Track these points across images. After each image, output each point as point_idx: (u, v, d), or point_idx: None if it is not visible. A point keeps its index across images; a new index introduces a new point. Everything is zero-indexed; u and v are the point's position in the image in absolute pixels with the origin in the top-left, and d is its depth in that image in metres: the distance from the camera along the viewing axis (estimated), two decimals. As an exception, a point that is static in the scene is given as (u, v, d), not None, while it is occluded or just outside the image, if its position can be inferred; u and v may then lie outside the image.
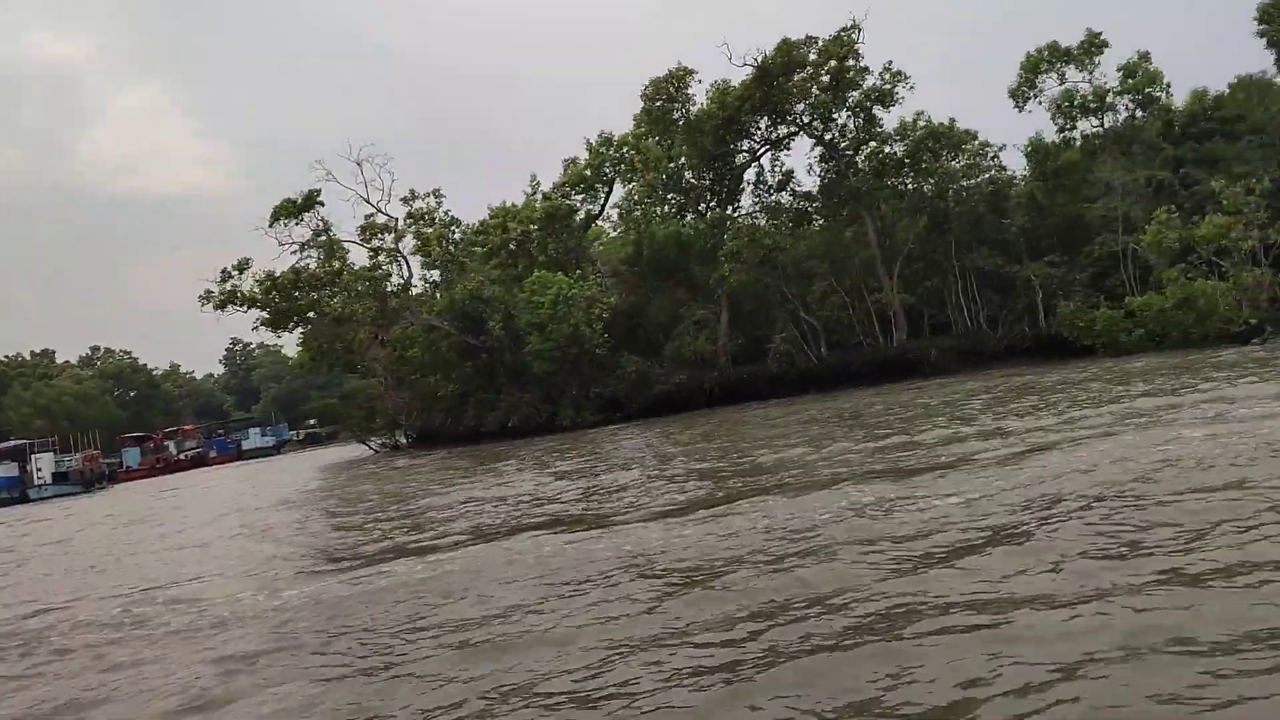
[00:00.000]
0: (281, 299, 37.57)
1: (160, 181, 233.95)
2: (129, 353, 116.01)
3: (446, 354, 40.78)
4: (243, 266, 38.31)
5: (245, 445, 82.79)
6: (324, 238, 38.65)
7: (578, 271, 41.06)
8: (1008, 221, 39.22)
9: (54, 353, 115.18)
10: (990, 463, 11.97)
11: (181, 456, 77.25)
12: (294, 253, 39.77)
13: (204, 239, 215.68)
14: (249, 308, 38.63)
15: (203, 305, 37.63)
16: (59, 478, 55.17)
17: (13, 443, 59.63)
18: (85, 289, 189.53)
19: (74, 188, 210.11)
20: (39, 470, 54.92)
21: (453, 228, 41.88)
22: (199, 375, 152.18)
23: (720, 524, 10.39)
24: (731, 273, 40.33)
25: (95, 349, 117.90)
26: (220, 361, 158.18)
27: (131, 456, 70.89)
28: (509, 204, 44.85)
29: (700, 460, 18.75)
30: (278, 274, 37.56)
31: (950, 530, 8.35)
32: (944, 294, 40.39)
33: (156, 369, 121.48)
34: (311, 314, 39.30)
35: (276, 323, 39.84)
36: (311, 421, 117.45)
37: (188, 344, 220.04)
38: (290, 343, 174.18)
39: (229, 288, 37.80)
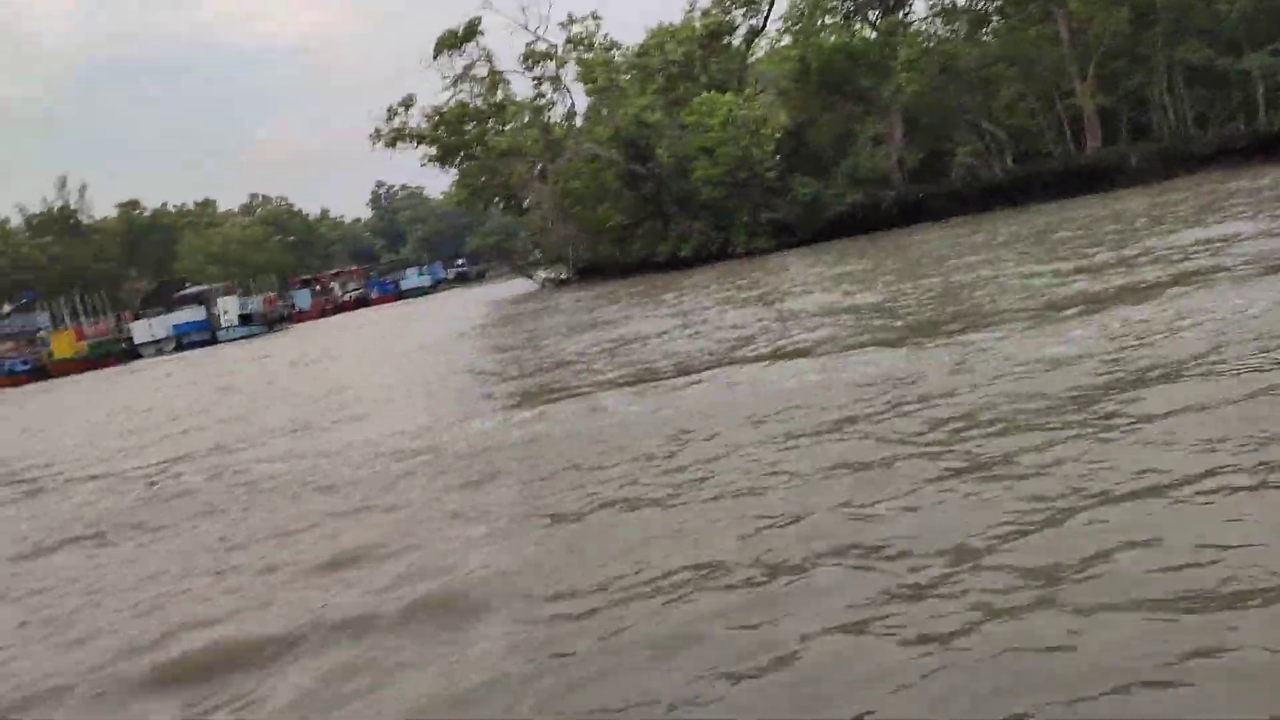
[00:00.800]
0: (448, 134, 37.31)
1: (287, 30, 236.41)
2: (285, 199, 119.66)
3: (612, 184, 40.14)
4: (408, 104, 38.13)
5: (404, 285, 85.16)
6: (486, 70, 37.98)
7: (746, 90, 39.33)
8: (1227, 8, 35.34)
9: (215, 202, 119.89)
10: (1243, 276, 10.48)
11: (346, 298, 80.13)
12: (454, 87, 39.29)
13: (337, 86, 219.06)
14: (418, 144, 38.62)
15: (374, 143, 37.85)
16: (244, 319, 57.89)
17: (199, 288, 62.73)
18: (224, 139, 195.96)
19: (201, 40, 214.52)
20: (225, 313, 57.68)
21: (612, 51, 40.46)
22: (348, 219, 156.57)
23: (953, 352, 9.41)
24: (907, 83, 37.96)
25: (254, 196, 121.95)
26: (367, 205, 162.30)
27: (302, 299, 73.74)
28: (667, 24, 42.99)
29: (898, 285, 17.66)
30: (444, 109, 37.25)
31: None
32: (1146, 93, 37.12)
33: (309, 214, 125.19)
34: (476, 148, 38.99)
35: (444, 158, 39.78)
36: (460, 261, 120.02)
37: (334, 190, 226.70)
38: (436, 183, 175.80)
39: (397, 125, 37.73)
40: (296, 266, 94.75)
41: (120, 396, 28.28)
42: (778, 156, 38.03)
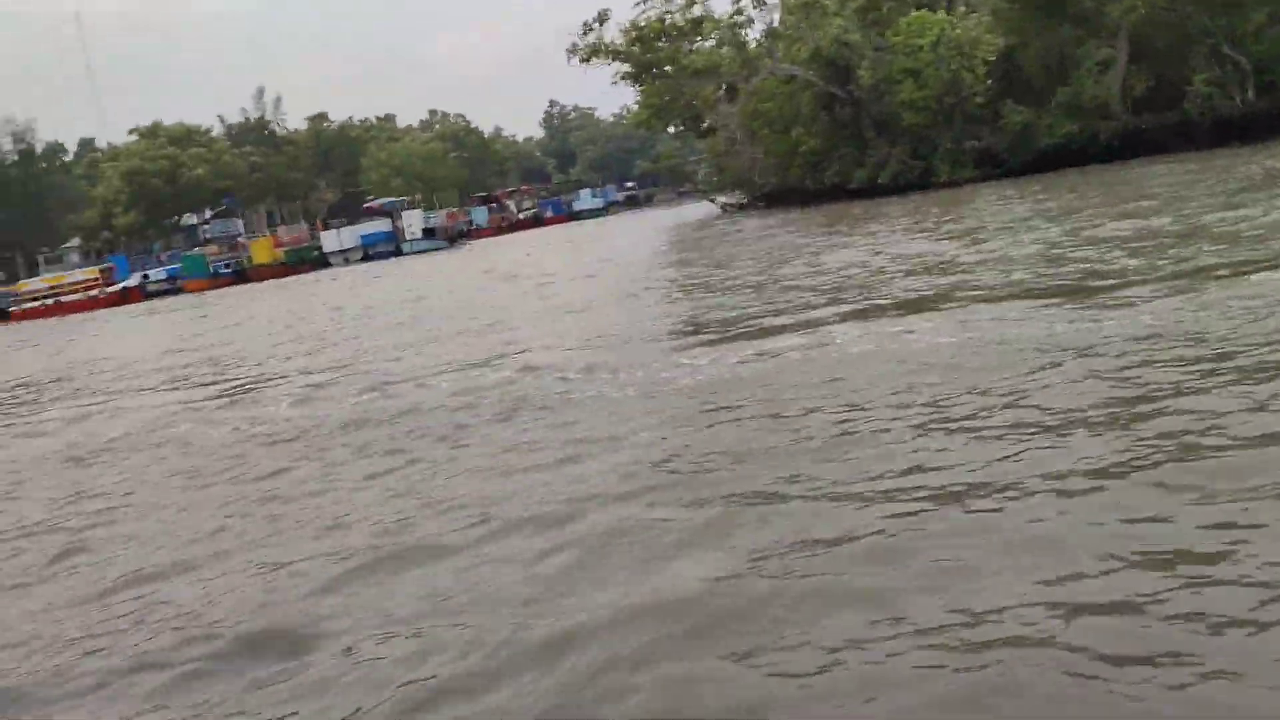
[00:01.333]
0: (643, 50, 36.49)
1: None
2: (463, 116, 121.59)
3: (807, 107, 38.59)
4: (603, 18, 37.42)
5: (577, 206, 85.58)
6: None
7: (959, 9, 36.92)
8: None
9: (395, 117, 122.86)
10: None
11: (520, 216, 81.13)
12: (646, 1, 38.25)
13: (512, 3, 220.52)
14: (613, 60, 37.98)
15: (569, 58, 37.45)
16: (427, 233, 59.23)
17: (385, 201, 64.53)
18: (403, 54, 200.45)
19: None
20: (409, 226, 59.14)
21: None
22: (520, 139, 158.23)
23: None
24: (1141, 2, 34.73)
25: (433, 113, 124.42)
26: (539, 125, 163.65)
27: (480, 215, 74.97)
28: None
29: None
30: (642, 23, 36.39)
31: None
32: None
33: (485, 132, 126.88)
34: (669, 66, 38.05)
35: (637, 76, 39.03)
36: (629, 184, 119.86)
37: (507, 109, 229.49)
38: (608, 105, 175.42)
39: (592, 40, 37.14)
40: (472, 183, 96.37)
41: (353, 297, 29.20)
42: (989, 81, 35.65)
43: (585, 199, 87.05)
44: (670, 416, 7.25)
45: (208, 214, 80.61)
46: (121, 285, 53.55)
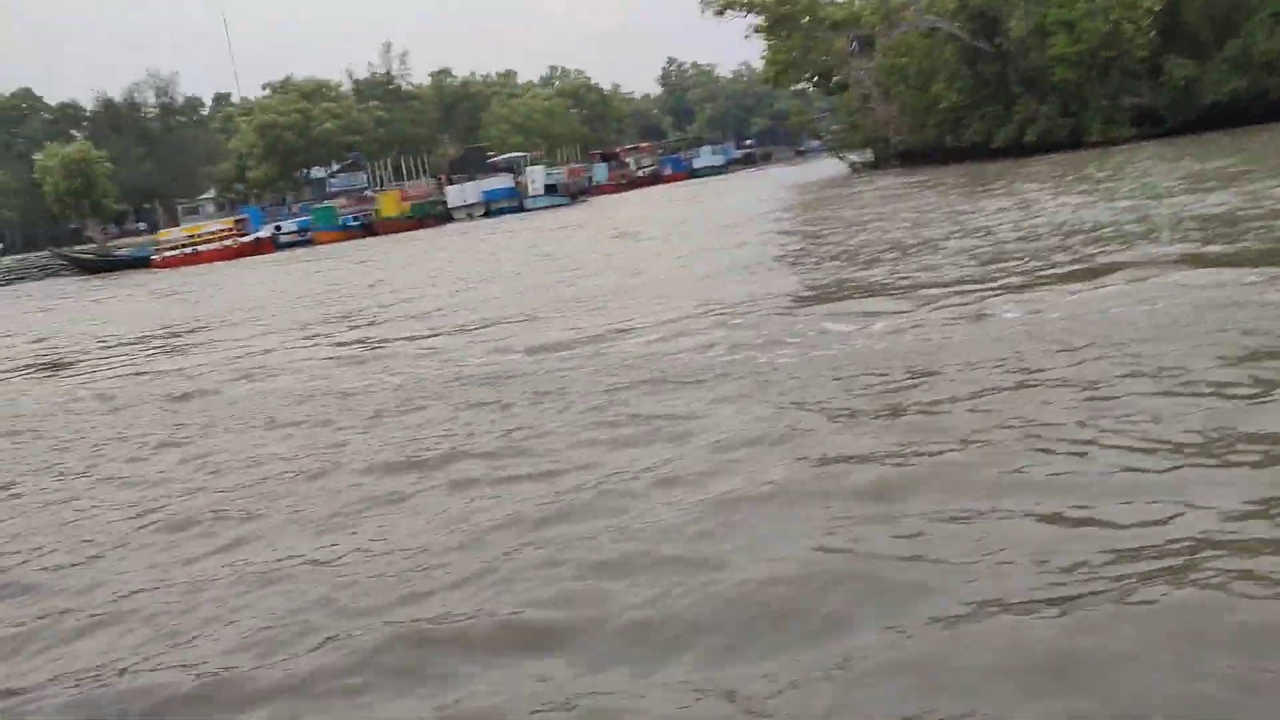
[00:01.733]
0: (780, 2, 35.28)
1: None
2: (582, 72, 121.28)
3: (949, 61, 36.89)
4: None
5: (696, 164, 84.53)
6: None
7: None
8: None
9: (515, 73, 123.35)
10: None
11: (640, 173, 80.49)
12: None
13: None
14: (748, 12, 36.89)
15: (703, 10, 36.53)
16: (549, 189, 59.18)
17: (509, 156, 64.73)
18: (510, 13, 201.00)
19: None
20: (533, 182, 59.16)
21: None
22: (637, 95, 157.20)
23: None
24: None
25: (553, 68, 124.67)
26: (656, 81, 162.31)
27: (600, 172, 74.56)
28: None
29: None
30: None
31: None
32: None
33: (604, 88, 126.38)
34: (805, 19, 36.76)
35: (771, 28, 37.84)
36: (749, 141, 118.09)
37: (623, 65, 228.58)
38: (725, 61, 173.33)
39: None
40: (591, 140, 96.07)
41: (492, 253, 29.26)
42: (1152, 34, 33.42)
43: (705, 156, 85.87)
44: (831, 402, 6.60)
45: (334, 167, 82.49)
46: (254, 236, 54.97)
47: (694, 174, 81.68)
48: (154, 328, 19.68)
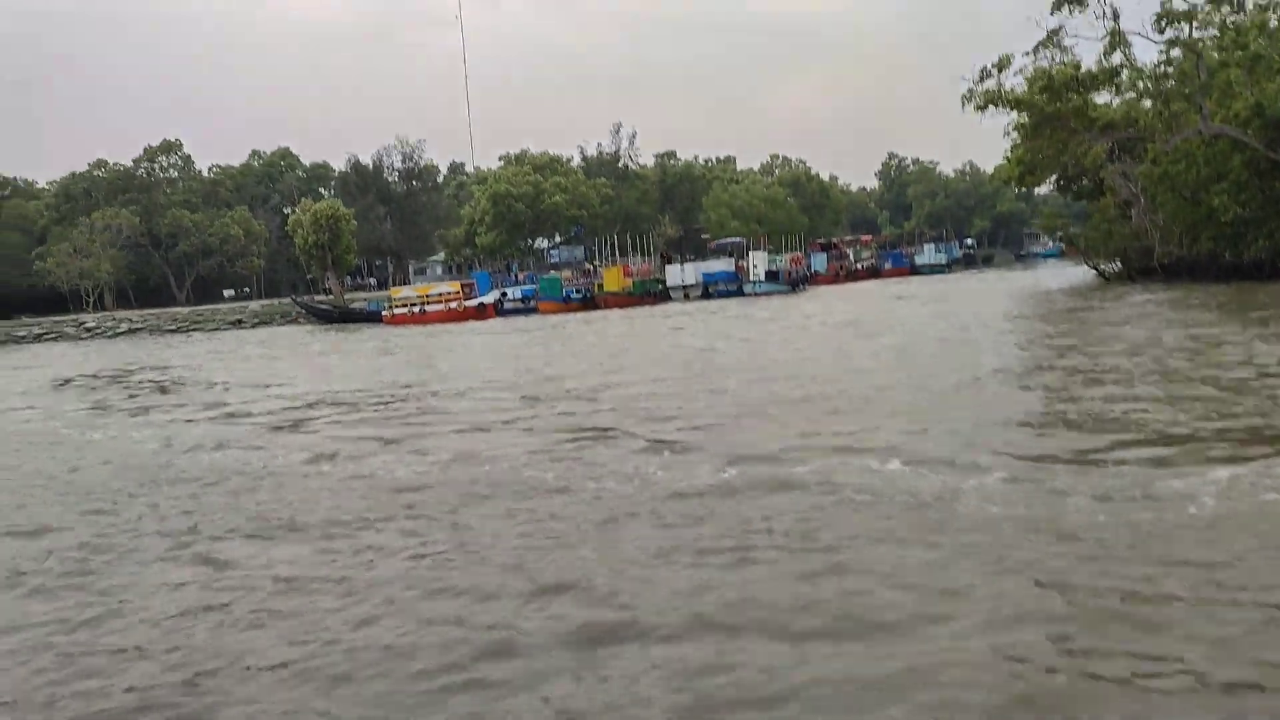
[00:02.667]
0: (1049, 100, 33.21)
1: (802, 3, 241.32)
2: (803, 161, 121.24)
3: (1235, 171, 33.68)
4: (1003, 64, 34.51)
5: (918, 260, 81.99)
6: (1104, 30, 33.20)
7: None
8: None
9: (735, 159, 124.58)
10: None
11: (859, 266, 78.77)
12: (1045, 49, 34.83)
13: (840, 57, 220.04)
14: (1013, 109, 34.99)
15: (964, 105, 34.92)
16: (770, 276, 58.28)
17: (732, 240, 64.51)
18: (732, 102, 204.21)
19: (726, 5, 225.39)
20: (754, 267, 58.45)
21: (1270, 13, 33.57)
22: (853, 188, 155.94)
23: None
24: None
25: (774, 156, 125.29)
26: (875, 175, 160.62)
27: (819, 261, 73.31)
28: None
29: None
30: (1053, 70, 33.12)
31: None
32: None
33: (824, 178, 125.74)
34: (1073, 120, 34.42)
35: (1036, 127, 35.74)
36: (969, 241, 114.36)
37: (836, 156, 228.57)
38: (949, 159, 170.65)
39: (988, 87, 34.33)
40: (808, 229, 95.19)
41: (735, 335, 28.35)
42: None
43: (928, 253, 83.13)
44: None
45: (556, 239, 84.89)
46: (479, 301, 56.41)
47: (915, 271, 79.18)
48: (382, 386, 19.65)
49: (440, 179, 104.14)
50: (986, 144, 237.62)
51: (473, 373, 22.23)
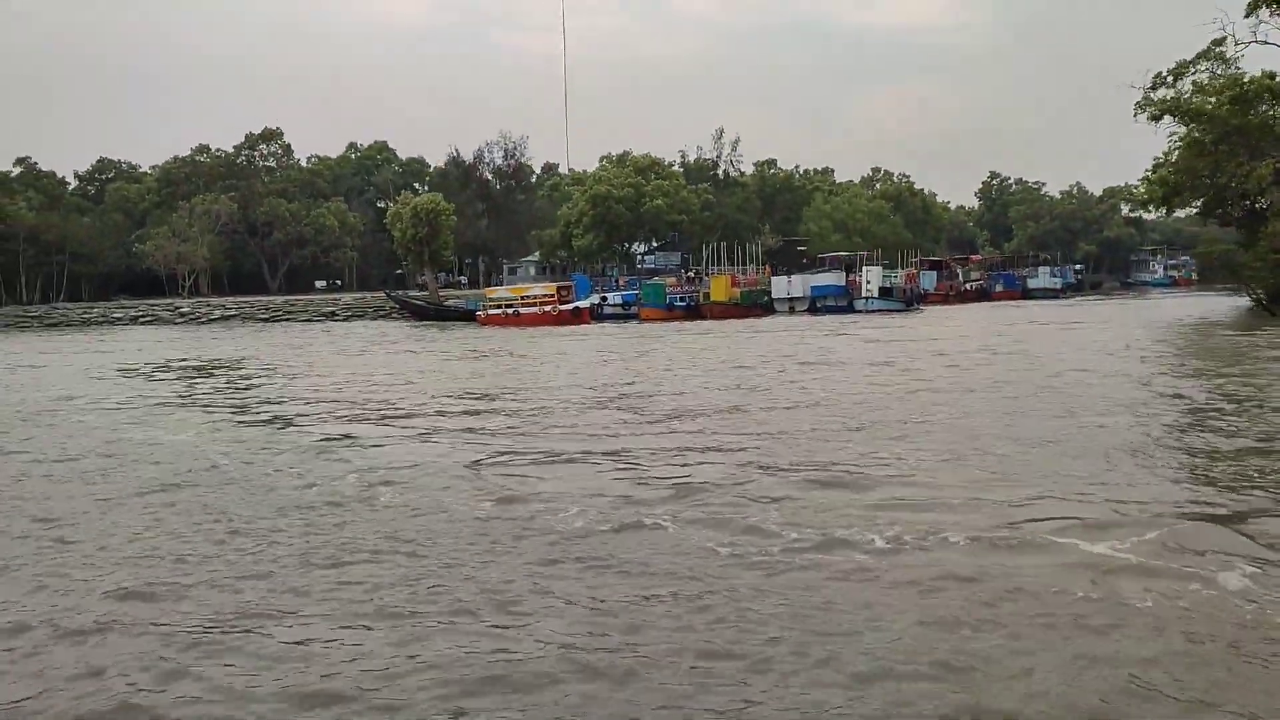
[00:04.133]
0: (1235, 113, 29.89)
1: (892, 13, 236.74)
2: (906, 175, 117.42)
3: None
4: (1179, 73, 31.27)
5: (1031, 284, 78.08)
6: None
7: None
8: None
9: (833, 170, 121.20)
10: None
11: (968, 287, 75.17)
12: (1204, 61, 31.52)
13: (933, 71, 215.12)
14: (1190, 121, 31.74)
15: (1136, 114, 31.83)
16: (884, 292, 55.30)
17: (841, 253, 61.61)
18: (821, 114, 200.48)
19: (816, 17, 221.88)
20: (868, 282, 55.50)
21: None
22: (951, 205, 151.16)
23: None
24: None
25: (875, 170, 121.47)
26: (975, 195, 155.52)
27: (928, 280, 69.97)
28: None
29: None
30: (1247, 78, 29.81)
31: None
32: None
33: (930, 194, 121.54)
34: (1255, 136, 31.01)
35: (1219, 140, 32.32)
36: (1077, 266, 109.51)
37: (937, 175, 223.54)
38: (1056, 179, 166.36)
39: (1165, 96, 31.16)
40: (912, 245, 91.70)
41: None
42: None
43: (1042, 277, 79.15)
44: None
45: (652, 244, 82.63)
46: (574, 305, 53.95)
47: (1028, 295, 75.30)
48: (480, 393, 17.45)
49: (533, 180, 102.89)
50: (1096, 165, 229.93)
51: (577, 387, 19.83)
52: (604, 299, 56.62)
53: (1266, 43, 30.64)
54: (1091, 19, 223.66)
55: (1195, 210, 52.53)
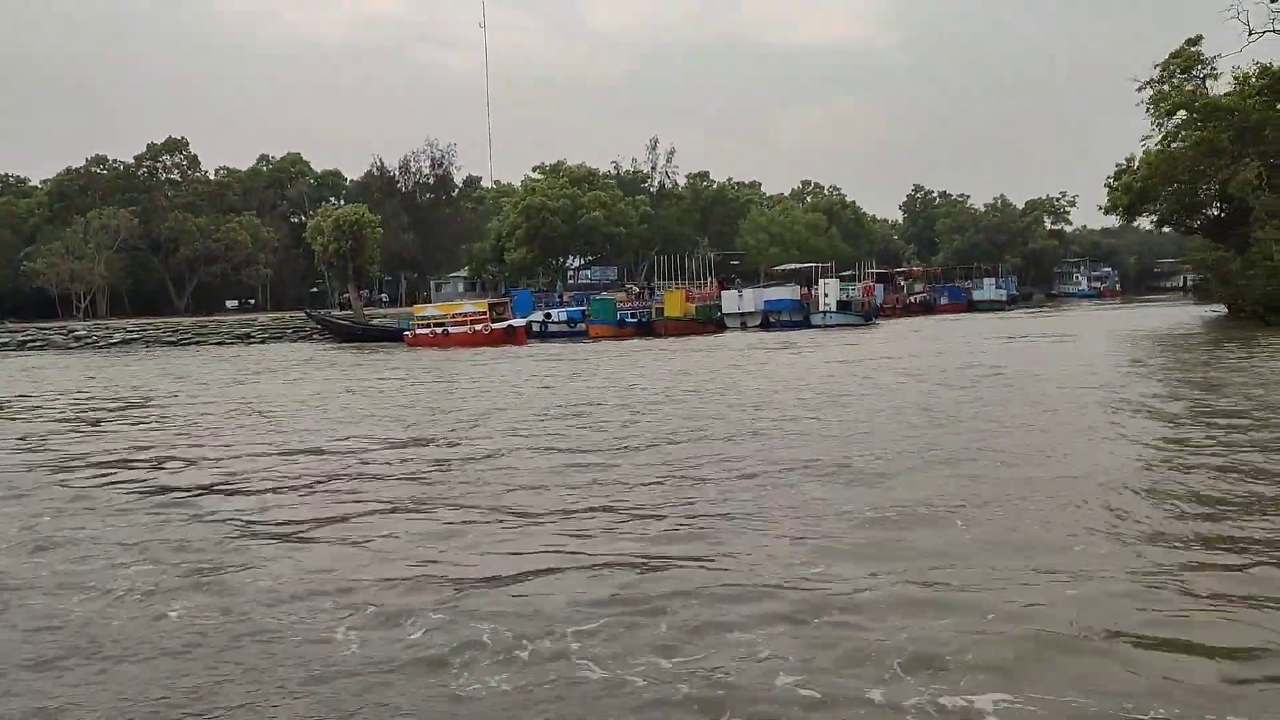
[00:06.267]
0: (1265, 105, 27.56)
1: (813, 34, 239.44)
2: (837, 188, 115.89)
3: None
4: (1189, 64, 28.93)
5: (976, 295, 76.68)
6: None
7: None
8: None
9: (760, 184, 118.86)
10: None
11: (912, 299, 73.32)
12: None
13: (849, 86, 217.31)
14: (1207, 118, 29.42)
15: (1148, 109, 29.45)
16: (842, 306, 52.63)
17: (795, 265, 58.84)
18: (743, 130, 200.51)
19: (741, 36, 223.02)
20: (825, 295, 52.74)
21: None
22: (876, 219, 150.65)
23: None
24: None
25: (806, 183, 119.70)
26: (899, 208, 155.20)
27: (878, 293, 67.69)
28: None
29: None
30: (1276, 66, 27.59)
31: None
32: None
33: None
34: (1268, 131, 28.83)
35: (1248, 133, 29.94)
36: (1011, 279, 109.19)
37: (859, 189, 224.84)
38: (981, 193, 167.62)
39: (1186, 89, 28.76)
40: (850, 258, 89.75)
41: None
42: None
43: (988, 289, 77.87)
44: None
45: (585, 259, 78.98)
46: (507, 324, 49.05)
47: (974, 307, 73.79)
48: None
49: (456, 193, 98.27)
50: (1018, 178, 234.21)
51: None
52: (548, 316, 52.77)
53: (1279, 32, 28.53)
54: (1008, 35, 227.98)
55: (1153, 219, 51.13)
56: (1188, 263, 65.83)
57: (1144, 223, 53.96)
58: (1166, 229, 55.45)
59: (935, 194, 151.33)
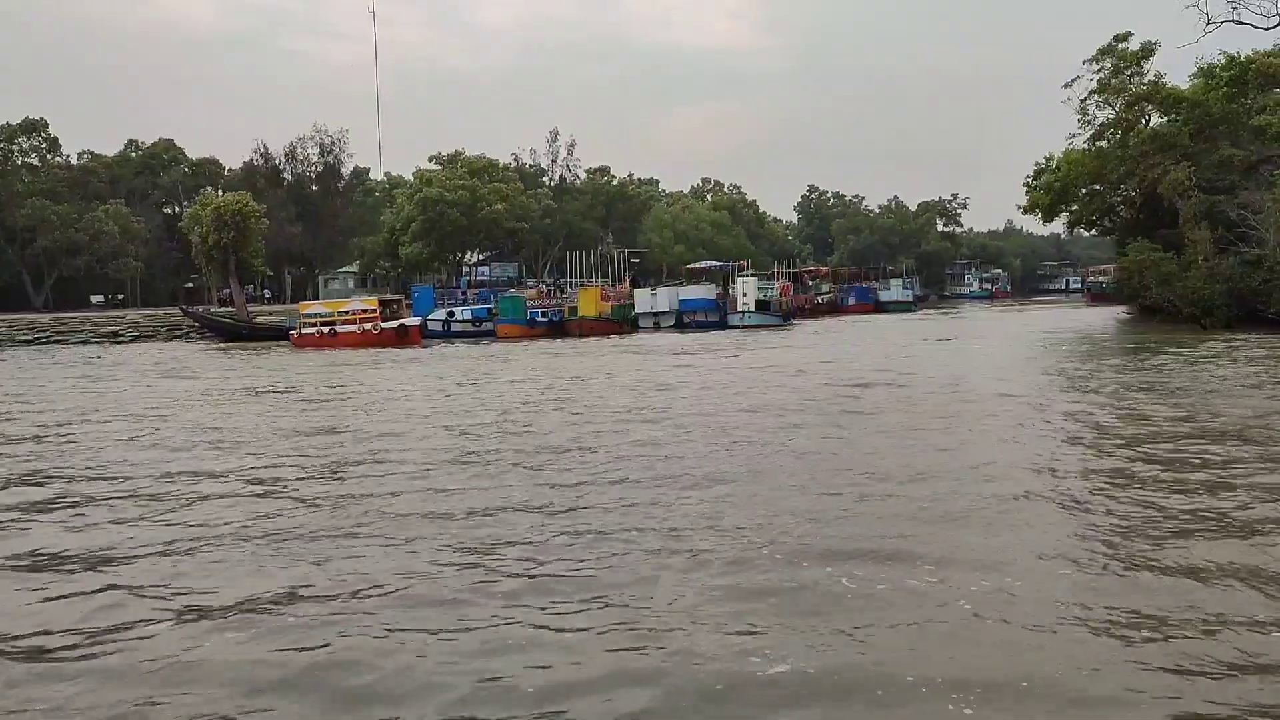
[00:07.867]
0: (1228, 98, 26.34)
1: (693, 34, 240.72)
2: (738, 187, 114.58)
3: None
4: (1146, 53, 27.62)
5: (884, 297, 76.15)
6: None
7: None
8: None
9: (657, 181, 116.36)
10: None
11: (819, 300, 72.21)
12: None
13: (728, 90, 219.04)
14: (1163, 111, 28.13)
15: (1101, 101, 27.97)
16: (761, 306, 50.66)
17: (712, 264, 56.68)
18: (628, 129, 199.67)
19: (618, 38, 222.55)
20: (744, 295, 50.66)
21: None
22: (770, 219, 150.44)
23: None
24: None
25: (706, 180, 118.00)
26: (794, 209, 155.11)
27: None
28: None
29: None
30: (1245, 57, 26.35)
31: None
32: None
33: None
34: (1221, 129, 27.76)
35: (1194, 135, 28.80)
36: (910, 279, 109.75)
37: (751, 186, 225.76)
38: (875, 193, 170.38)
39: (1133, 85, 27.42)
40: (756, 257, 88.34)
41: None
42: None
43: (895, 290, 77.44)
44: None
45: (486, 254, 75.41)
46: (399, 322, 45.09)
47: (881, 308, 73.13)
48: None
49: (344, 184, 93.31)
50: (910, 178, 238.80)
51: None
52: (451, 314, 49.31)
53: (1240, 23, 27.40)
54: (889, 40, 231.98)
55: (1066, 220, 50.66)
56: (1122, 265, 66.36)
57: (1058, 224, 53.39)
58: (1080, 230, 55.08)
59: (830, 195, 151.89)
